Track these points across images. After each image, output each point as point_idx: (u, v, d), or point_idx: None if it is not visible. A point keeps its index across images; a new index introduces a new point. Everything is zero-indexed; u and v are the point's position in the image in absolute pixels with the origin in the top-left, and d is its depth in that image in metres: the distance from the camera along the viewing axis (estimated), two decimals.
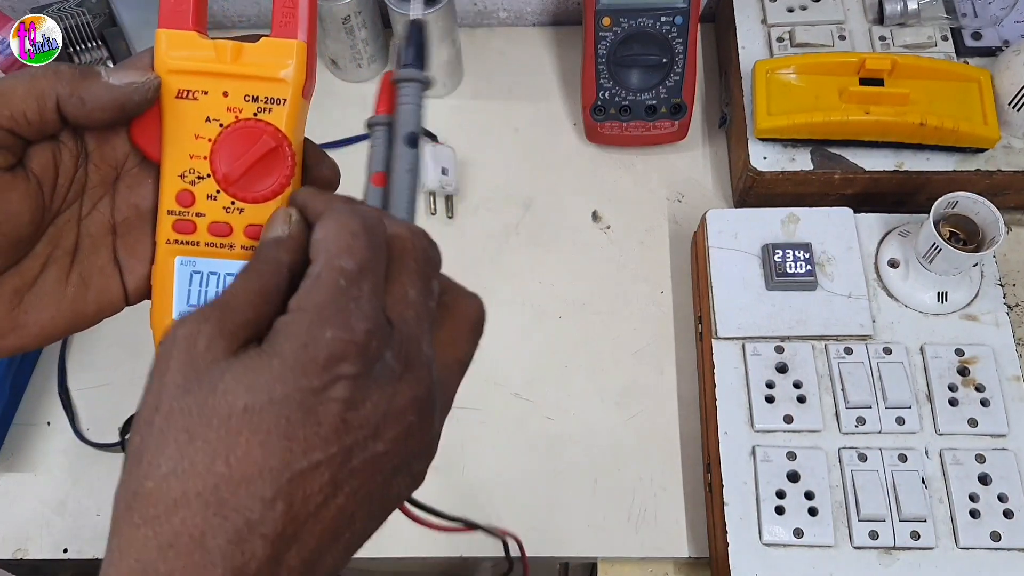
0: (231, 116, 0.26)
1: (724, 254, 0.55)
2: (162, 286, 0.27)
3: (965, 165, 0.58)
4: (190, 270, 0.27)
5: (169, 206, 0.27)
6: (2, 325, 0.26)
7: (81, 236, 0.27)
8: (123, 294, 0.28)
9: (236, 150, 0.26)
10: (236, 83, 0.26)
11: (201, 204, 0.26)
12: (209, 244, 0.27)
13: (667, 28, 0.61)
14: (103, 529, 0.54)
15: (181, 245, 0.27)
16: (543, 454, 0.56)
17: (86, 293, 0.27)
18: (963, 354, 0.52)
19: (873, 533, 0.47)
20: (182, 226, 0.27)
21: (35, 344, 0.27)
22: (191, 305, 0.27)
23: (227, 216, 0.27)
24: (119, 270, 0.28)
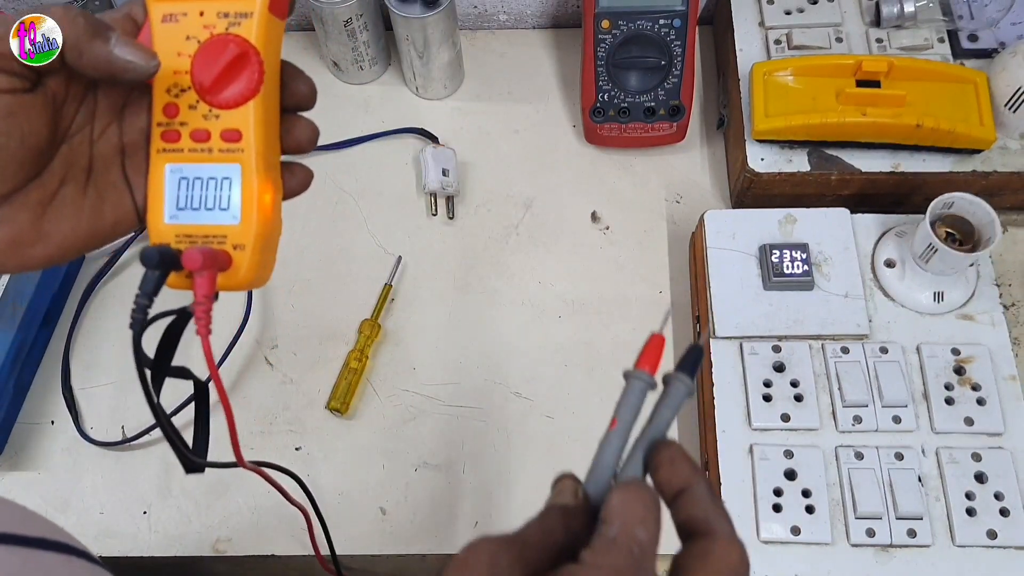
0: (207, 33, 0.28)
1: (722, 254, 0.56)
2: (155, 191, 0.30)
3: (961, 166, 0.58)
4: (178, 176, 0.30)
5: (158, 118, 0.29)
6: (29, 235, 0.28)
7: (94, 156, 0.30)
8: (135, 209, 0.31)
9: (209, 60, 0.28)
10: (210, 3, 0.28)
11: (184, 114, 0.29)
12: (192, 150, 0.29)
13: (666, 31, 0.61)
14: (106, 527, 0.54)
15: (169, 153, 0.30)
16: (543, 452, 0.56)
17: (102, 206, 0.30)
18: (959, 353, 0.52)
19: (870, 531, 0.48)
20: (169, 135, 0.29)
21: (59, 255, 0.29)
22: (179, 208, 0.30)
23: (206, 123, 0.29)
24: (129, 187, 0.31)
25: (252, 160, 0.29)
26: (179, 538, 0.54)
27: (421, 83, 0.69)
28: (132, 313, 0.29)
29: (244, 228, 0.29)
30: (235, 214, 0.29)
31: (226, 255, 0.29)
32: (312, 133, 0.32)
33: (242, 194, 0.29)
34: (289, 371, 0.60)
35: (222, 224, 0.29)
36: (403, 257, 0.63)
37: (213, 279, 0.29)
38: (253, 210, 0.29)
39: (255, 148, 0.29)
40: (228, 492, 0.56)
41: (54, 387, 0.59)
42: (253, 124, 0.29)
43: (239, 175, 0.29)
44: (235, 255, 0.29)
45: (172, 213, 0.30)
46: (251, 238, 0.29)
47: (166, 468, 0.57)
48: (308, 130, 0.32)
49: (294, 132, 0.31)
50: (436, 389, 0.59)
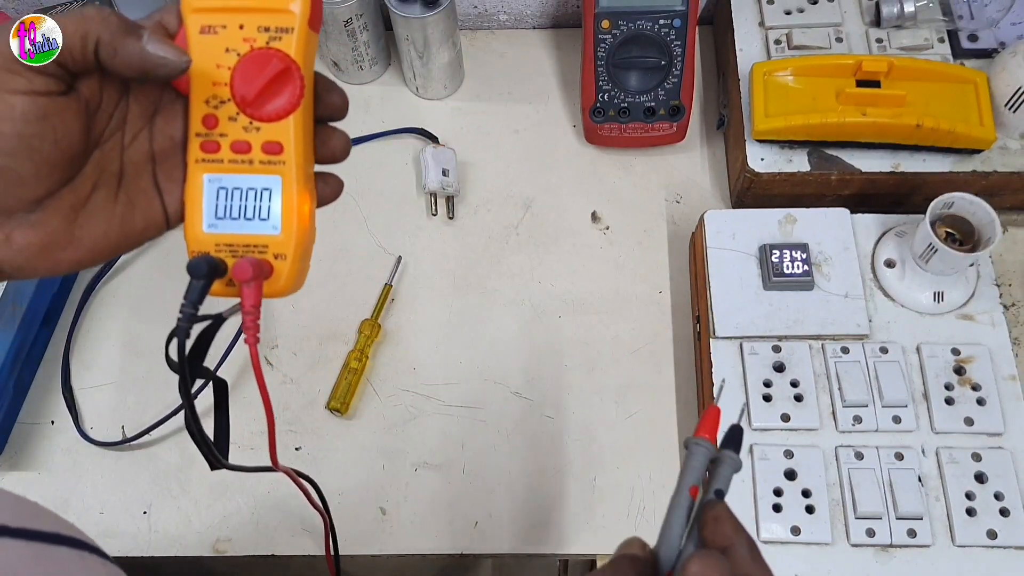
0: (247, 46, 0.29)
1: (722, 254, 0.56)
2: (193, 200, 0.30)
3: (961, 166, 0.58)
4: (217, 186, 0.30)
5: (197, 129, 0.30)
6: (61, 239, 0.29)
7: (125, 162, 0.31)
8: (164, 215, 0.32)
9: (251, 74, 0.29)
10: (250, 16, 0.29)
11: (224, 125, 0.30)
12: (232, 161, 0.30)
13: (666, 31, 0.61)
14: (106, 527, 0.54)
15: (208, 163, 0.30)
16: (543, 452, 0.56)
17: (132, 212, 0.31)
18: (959, 353, 0.52)
19: (870, 531, 0.48)
20: (208, 146, 0.30)
21: (89, 259, 0.30)
22: (219, 218, 0.30)
23: (246, 135, 0.30)
24: (159, 193, 0.31)
25: (293, 172, 0.30)
26: (179, 538, 0.54)
27: (421, 83, 0.69)
28: (178, 321, 0.29)
29: (285, 238, 0.30)
30: (276, 224, 0.30)
31: (269, 265, 0.30)
32: (346, 143, 0.33)
33: (283, 205, 0.30)
34: (289, 371, 0.60)
35: (263, 234, 0.30)
36: (403, 257, 0.63)
37: (260, 289, 0.30)
38: (293, 221, 0.30)
39: (295, 160, 0.30)
40: (228, 492, 0.56)
41: (54, 387, 0.59)
42: (294, 137, 0.30)
43: (280, 186, 0.30)
44: (276, 264, 0.30)
45: (211, 222, 0.30)
46: (292, 248, 0.30)
47: (166, 468, 0.57)
48: (342, 140, 0.33)
49: (330, 143, 0.32)
50: (436, 389, 0.59)
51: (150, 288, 0.63)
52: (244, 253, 0.30)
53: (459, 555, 0.54)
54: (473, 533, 0.54)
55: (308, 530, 0.54)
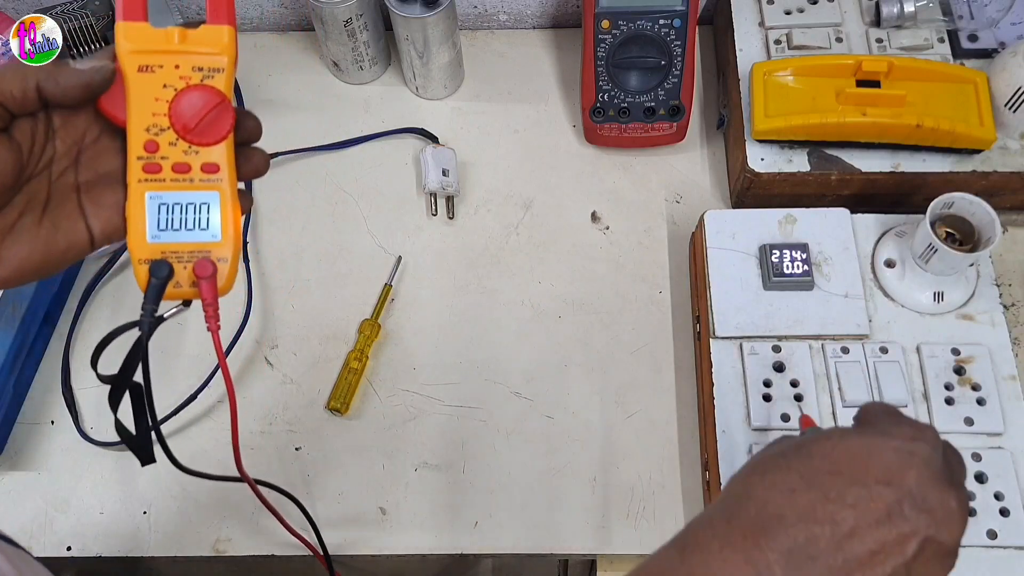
0: (183, 82, 0.34)
1: (722, 254, 0.56)
2: (135, 216, 0.34)
3: (961, 166, 0.58)
4: (158, 202, 0.34)
5: (138, 153, 0.34)
6: None
7: (52, 192, 0.35)
8: (88, 236, 0.35)
9: (191, 106, 0.34)
10: (185, 58, 0.34)
11: (164, 150, 0.34)
12: (173, 180, 0.34)
13: (666, 31, 0.61)
14: (106, 527, 0.54)
15: (150, 183, 0.34)
16: (543, 452, 0.56)
17: (56, 235, 0.34)
18: (959, 353, 0.52)
19: None
20: (150, 167, 0.34)
21: (15, 278, 0.33)
22: (160, 229, 0.34)
23: (186, 157, 0.34)
24: (84, 218, 0.35)
25: (228, 187, 0.35)
26: (179, 538, 0.54)
27: (421, 83, 0.69)
28: (141, 317, 0.34)
29: (225, 243, 0.35)
30: (215, 233, 0.35)
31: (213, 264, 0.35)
32: (266, 160, 0.37)
33: (221, 216, 0.35)
34: (289, 371, 0.60)
35: (204, 242, 0.34)
36: (403, 257, 0.63)
37: (216, 285, 0.34)
38: (230, 229, 0.35)
39: (229, 178, 0.35)
40: (228, 492, 0.56)
41: (54, 387, 0.59)
42: (227, 158, 0.34)
43: (218, 200, 0.35)
44: (219, 267, 0.35)
45: (154, 233, 0.34)
46: (231, 252, 0.35)
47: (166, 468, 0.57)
48: (263, 158, 0.37)
49: (253, 160, 0.36)
50: (436, 389, 0.59)
51: None
52: (189, 258, 0.34)
53: (459, 555, 0.54)
54: (473, 533, 0.54)
55: (307, 530, 0.54)
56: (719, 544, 0.28)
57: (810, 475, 0.29)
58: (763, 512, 0.28)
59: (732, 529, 0.28)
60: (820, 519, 0.27)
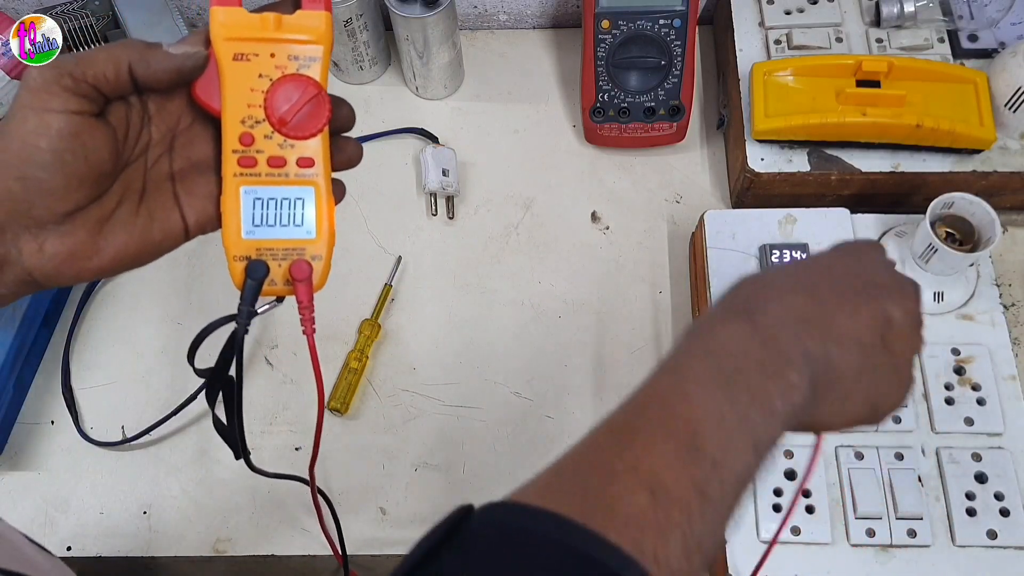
0: (278, 72, 0.32)
1: (722, 254, 0.56)
2: (231, 211, 0.33)
3: (961, 166, 0.58)
4: (253, 197, 0.33)
5: (233, 146, 0.33)
6: (87, 250, 0.32)
7: (147, 181, 0.34)
8: (183, 227, 0.34)
9: (286, 98, 0.32)
10: (281, 46, 0.32)
11: (260, 143, 0.33)
12: (268, 174, 0.33)
13: (666, 31, 0.61)
14: (107, 527, 0.54)
15: (245, 177, 0.33)
16: (543, 453, 0.56)
17: (152, 225, 0.34)
18: (959, 353, 0.52)
19: (870, 531, 0.48)
20: (246, 161, 0.33)
21: (110, 267, 0.33)
22: (255, 225, 0.33)
23: (281, 151, 0.33)
24: (179, 208, 0.34)
25: (323, 182, 0.33)
26: (179, 538, 0.54)
27: (421, 83, 0.69)
28: (237, 319, 0.34)
29: (319, 241, 0.34)
30: (310, 229, 0.34)
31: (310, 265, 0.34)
32: (359, 151, 0.36)
33: (316, 212, 0.34)
34: (289, 371, 0.60)
35: (299, 238, 0.34)
36: (403, 257, 0.63)
37: (311, 286, 0.34)
38: (325, 225, 0.34)
39: (325, 172, 0.33)
40: (228, 492, 0.56)
41: (54, 387, 0.59)
42: (323, 152, 0.33)
43: (313, 196, 0.33)
44: (313, 264, 0.34)
45: (249, 229, 0.33)
46: (325, 249, 0.34)
47: (166, 468, 0.57)
48: (357, 149, 0.36)
49: (346, 151, 0.36)
50: (436, 389, 0.59)
51: (150, 288, 0.63)
52: (284, 256, 0.34)
53: None
54: None
55: (308, 530, 0.54)
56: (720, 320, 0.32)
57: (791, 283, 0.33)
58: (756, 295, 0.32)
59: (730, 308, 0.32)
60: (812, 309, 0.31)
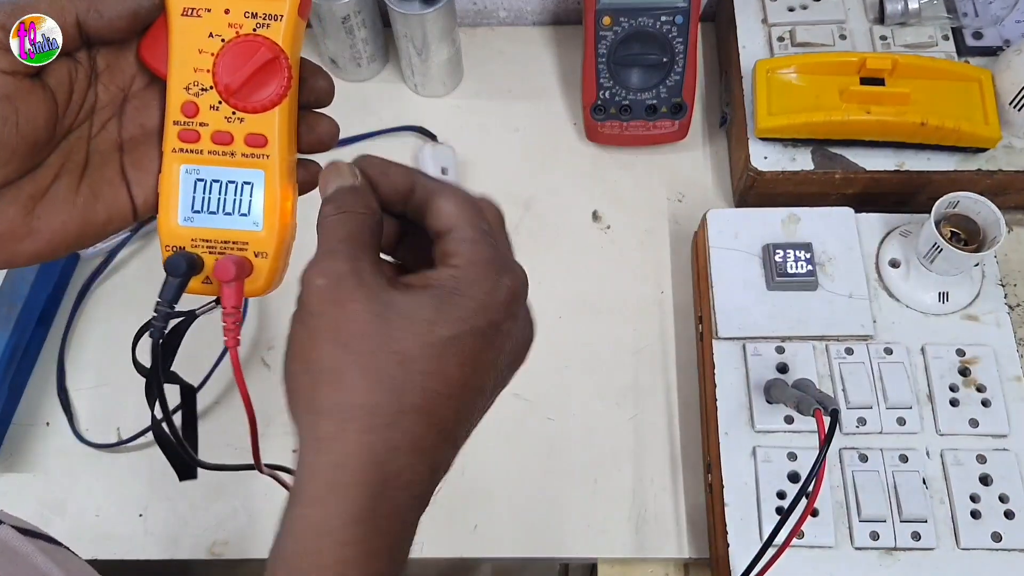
0: (232, 32, 0.28)
1: (725, 254, 0.55)
2: (168, 192, 0.29)
3: (966, 165, 0.58)
4: (194, 177, 0.29)
5: (175, 116, 0.28)
6: (19, 231, 0.28)
7: (91, 152, 0.29)
8: (131, 206, 0.30)
9: (236, 62, 0.28)
10: (237, 1, 0.28)
11: (204, 114, 0.28)
12: (212, 152, 0.29)
13: (667, 28, 0.60)
14: (102, 530, 0.54)
15: (186, 153, 0.29)
16: (543, 454, 0.56)
17: (95, 203, 0.29)
18: (964, 354, 0.51)
19: (874, 534, 0.47)
20: (187, 135, 0.28)
21: (48, 251, 0.29)
22: (195, 211, 0.29)
23: (228, 126, 0.28)
24: (127, 184, 0.30)
25: (276, 166, 0.29)
26: (175, 541, 0.54)
27: (420, 80, 0.69)
28: (153, 320, 0.29)
29: (267, 235, 0.29)
30: (256, 220, 0.29)
31: (249, 263, 0.29)
32: (334, 129, 0.31)
33: (264, 201, 0.29)
34: None
35: (242, 230, 0.29)
36: None
37: (242, 289, 0.29)
38: (275, 217, 0.29)
39: (279, 154, 0.29)
40: (224, 495, 0.55)
41: (49, 389, 0.59)
42: (278, 129, 0.29)
43: (262, 181, 0.29)
44: (256, 263, 0.29)
45: (187, 215, 0.29)
46: (273, 246, 0.29)
47: (162, 471, 0.56)
48: (330, 127, 0.31)
49: (317, 130, 0.31)
50: None
51: (145, 289, 0.62)
52: (223, 250, 0.29)
53: (458, 559, 0.53)
54: (472, 536, 0.53)
55: None
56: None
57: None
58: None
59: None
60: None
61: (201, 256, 0.29)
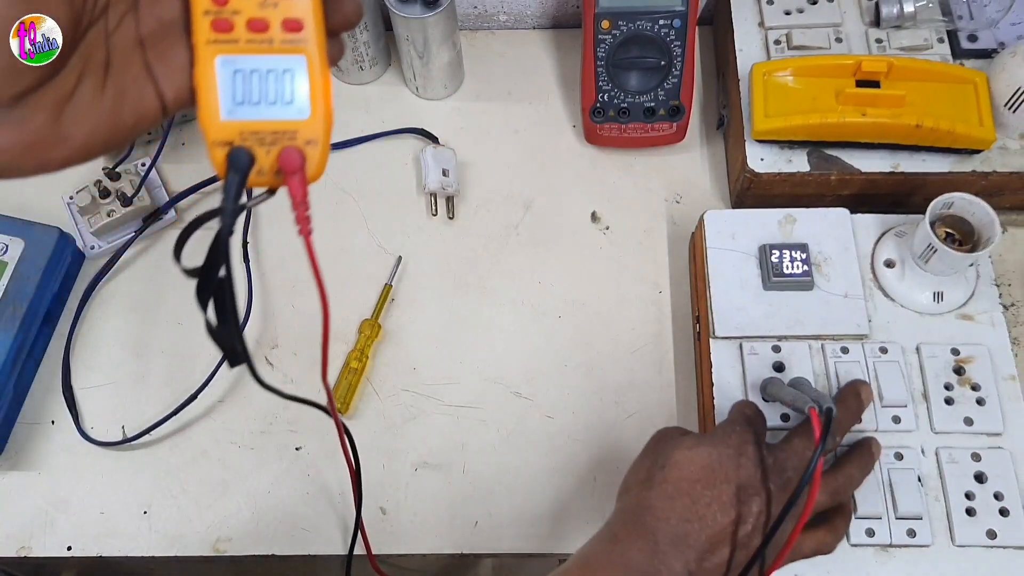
0: None
1: (722, 254, 0.56)
2: (207, 86, 0.28)
3: (961, 166, 0.58)
4: (232, 68, 0.28)
5: (205, 6, 0.27)
6: (48, 138, 0.27)
7: (111, 50, 0.28)
8: (159, 104, 0.29)
9: None
10: None
11: (236, 2, 0.27)
12: (249, 41, 0.27)
13: (665, 31, 0.61)
14: (107, 527, 0.55)
15: (221, 44, 0.27)
16: (543, 452, 0.56)
17: (122, 104, 0.28)
18: (959, 353, 0.52)
19: (869, 531, 0.48)
20: (220, 24, 0.27)
21: (80, 156, 0.28)
22: (237, 103, 0.28)
23: (263, 11, 0.27)
24: (153, 81, 0.29)
25: (315, 49, 0.28)
26: (179, 538, 0.54)
27: (421, 83, 0.69)
28: (221, 219, 0.28)
29: (314, 122, 0.28)
30: (302, 108, 0.28)
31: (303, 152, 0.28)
32: (359, 6, 0.30)
33: (309, 86, 0.28)
34: (289, 371, 0.60)
35: (290, 119, 0.28)
36: (403, 257, 0.63)
37: (306, 178, 0.28)
38: (320, 103, 0.28)
39: (317, 38, 0.28)
40: (228, 492, 0.56)
41: (54, 387, 0.59)
42: (313, 12, 0.27)
43: (304, 66, 0.28)
44: (307, 150, 0.28)
45: (230, 108, 0.28)
46: (321, 131, 0.28)
47: (166, 468, 0.57)
48: (355, 4, 0.29)
49: (343, 7, 0.29)
50: (436, 389, 0.59)
51: (150, 288, 0.63)
52: (273, 140, 0.28)
53: (459, 555, 0.54)
54: (473, 533, 0.54)
55: (307, 529, 0.54)
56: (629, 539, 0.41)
57: (679, 483, 0.41)
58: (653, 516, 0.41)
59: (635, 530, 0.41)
60: (690, 517, 0.40)
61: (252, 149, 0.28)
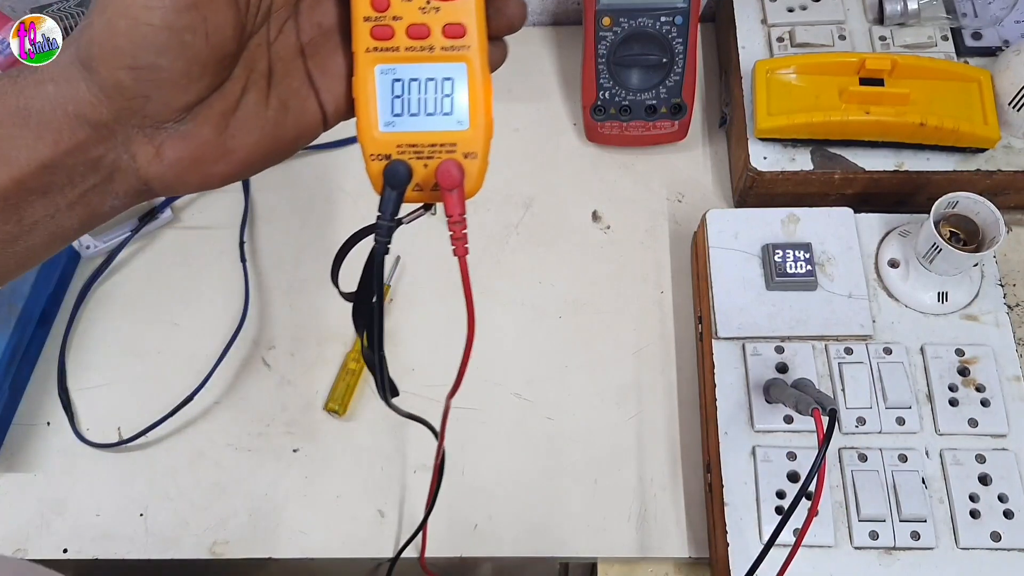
0: None
1: (724, 254, 0.55)
2: (365, 96, 0.27)
3: (965, 165, 0.58)
4: (391, 78, 0.27)
5: (365, 12, 0.26)
6: (213, 152, 0.26)
7: (273, 60, 0.28)
8: (321, 115, 0.28)
9: None
10: None
11: (396, 7, 0.26)
12: (409, 48, 0.26)
13: (667, 28, 0.61)
14: (103, 529, 0.54)
15: (380, 52, 0.27)
16: (543, 454, 0.56)
17: (285, 116, 0.28)
18: (963, 354, 0.52)
19: (873, 533, 0.47)
20: (380, 31, 0.26)
21: (240, 171, 0.27)
22: (395, 115, 0.27)
23: (424, 17, 0.26)
24: (314, 91, 0.28)
25: (477, 57, 0.26)
26: (176, 540, 0.54)
27: None
28: (376, 236, 0.28)
29: (473, 134, 0.27)
30: (461, 119, 0.27)
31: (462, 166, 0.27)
32: (523, 8, 0.28)
33: (469, 96, 0.27)
34: (287, 372, 0.59)
35: (449, 131, 0.27)
36: (402, 257, 0.63)
37: (463, 193, 0.27)
38: (480, 113, 0.27)
39: (479, 44, 0.26)
40: (225, 494, 0.55)
41: (50, 388, 0.59)
42: (476, 16, 0.26)
43: (464, 75, 0.27)
44: (466, 164, 0.27)
45: (388, 120, 0.27)
46: (481, 144, 0.27)
47: (163, 470, 0.56)
48: (519, 6, 0.28)
49: (506, 10, 0.28)
50: (436, 389, 0.58)
51: (147, 288, 0.62)
52: (430, 154, 0.27)
53: (458, 558, 0.53)
54: (473, 535, 0.54)
55: (305, 532, 0.54)
56: None
57: None
58: None
59: None
60: None
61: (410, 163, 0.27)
